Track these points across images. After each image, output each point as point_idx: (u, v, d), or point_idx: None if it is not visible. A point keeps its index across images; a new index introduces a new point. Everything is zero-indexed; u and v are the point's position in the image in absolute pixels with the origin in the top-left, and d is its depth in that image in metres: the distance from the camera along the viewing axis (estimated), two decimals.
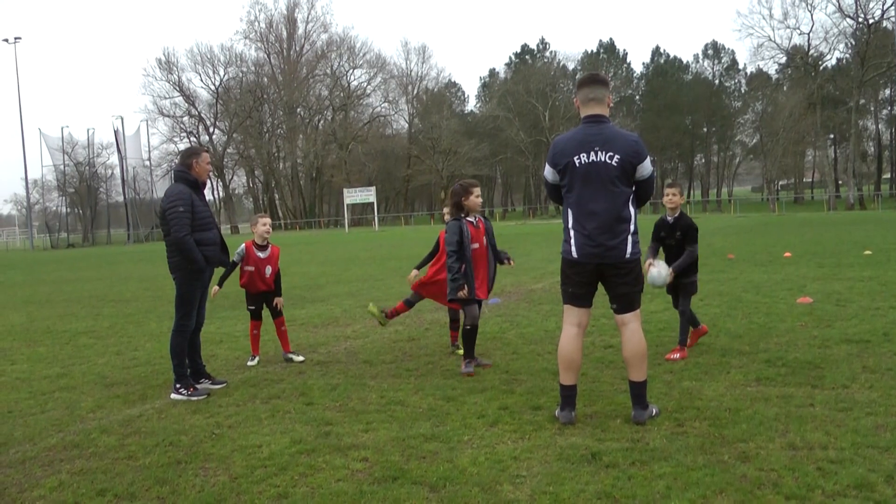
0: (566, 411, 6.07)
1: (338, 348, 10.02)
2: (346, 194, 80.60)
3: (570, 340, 6.14)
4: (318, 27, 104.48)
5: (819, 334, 9.22)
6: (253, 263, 9.12)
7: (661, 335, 9.53)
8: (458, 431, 5.98)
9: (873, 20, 79.04)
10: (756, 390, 6.80)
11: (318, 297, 16.05)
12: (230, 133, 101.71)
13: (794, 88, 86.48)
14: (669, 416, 6.09)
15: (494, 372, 8.07)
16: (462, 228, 8.07)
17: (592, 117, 6.07)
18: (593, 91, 6.09)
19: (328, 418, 6.59)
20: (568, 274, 6.19)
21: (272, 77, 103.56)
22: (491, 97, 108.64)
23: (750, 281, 14.76)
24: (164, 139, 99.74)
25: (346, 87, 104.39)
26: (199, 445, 5.99)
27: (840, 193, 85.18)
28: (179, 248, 7.62)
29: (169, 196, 7.73)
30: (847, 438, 5.37)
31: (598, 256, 5.96)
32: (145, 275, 26.20)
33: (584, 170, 5.95)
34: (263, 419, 6.69)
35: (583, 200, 6.00)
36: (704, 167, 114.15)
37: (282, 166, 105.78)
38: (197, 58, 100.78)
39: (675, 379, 7.35)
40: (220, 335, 11.56)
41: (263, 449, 5.80)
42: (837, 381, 6.95)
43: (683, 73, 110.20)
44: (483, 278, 8.30)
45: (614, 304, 6.14)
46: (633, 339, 6.04)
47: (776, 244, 25.08)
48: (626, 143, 5.93)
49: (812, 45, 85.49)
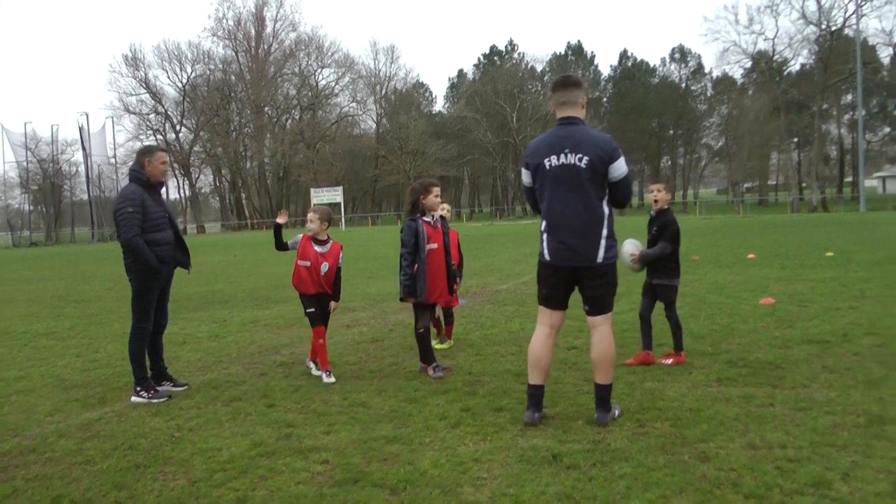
0: (530, 411, 6.08)
1: (301, 349, 9.95)
2: (314, 194, 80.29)
3: (540, 340, 6.15)
4: (287, 26, 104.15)
5: (780, 335, 9.30)
6: (310, 258, 8.19)
7: (623, 336, 9.55)
8: (419, 433, 5.97)
9: (836, 27, 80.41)
10: (717, 391, 6.84)
11: (283, 298, 15.96)
12: (197, 131, 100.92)
13: (759, 93, 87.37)
14: (631, 417, 6.11)
15: (457, 374, 8.07)
16: (418, 229, 8.01)
17: (565, 119, 6.07)
18: (565, 94, 6.09)
19: (289, 420, 6.55)
20: (542, 276, 6.21)
21: (240, 75, 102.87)
22: (459, 98, 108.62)
23: (714, 282, 14.87)
24: (130, 136, 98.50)
25: (314, 87, 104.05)
26: (159, 449, 5.93)
27: (804, 196, 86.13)
28: (129, 249, 7.54)
29: (120, 197, 7.68)
30: (806, 437, 5.43)
31: (570, 259, 5.97)
32: (109, 274, 25.93)
33: (555, 172, 5.95)
34: (224, 422, 6.64)
35: (554, 203, 6.01)
36: (671, 169, 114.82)
37: (249, 165, 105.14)
38: (164, 54, 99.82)
39: (638, 380, 7.39)
40: (184, 336, 11.47)
41: (223, 452, 5.75)
42: (797, 381, 7.02)
43: (650, 77, 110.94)
44: (442, 280, 8.24)
45: (586, 305, 6.15)
46: (603, 342, 6.05)
47: (741, 246, 25.27)
48: (597, 144, 5.91)
49: (776, 50, 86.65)
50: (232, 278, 21.85)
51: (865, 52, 77.33)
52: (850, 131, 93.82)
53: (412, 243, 7.95)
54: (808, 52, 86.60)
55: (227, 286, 19.39)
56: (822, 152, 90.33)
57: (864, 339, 8.81)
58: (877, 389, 6.65)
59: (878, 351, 8.20)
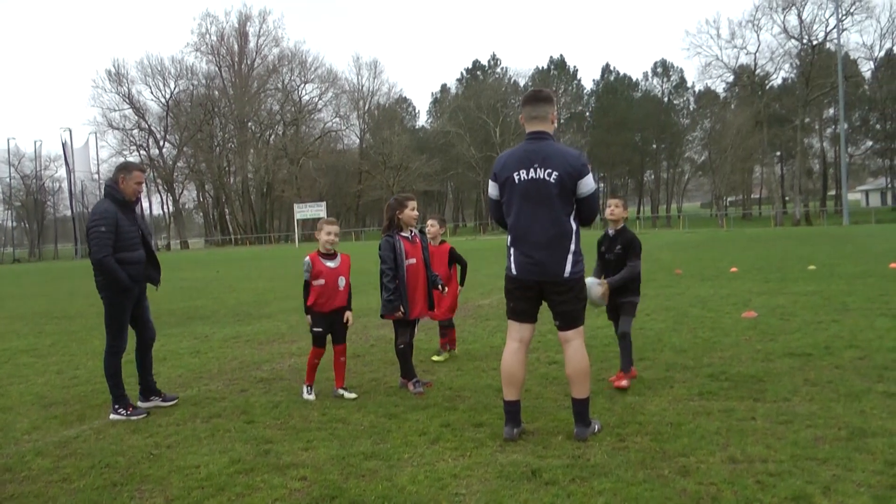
0: (509, 427, 6.04)
1: (282, 365, 9.91)
2: (297, 209, 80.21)
3: (511, 355, 6.11)
4: (270, 41, 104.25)
5: (762, 348, 9.30)
6: (324, 276, 7.88)
7: (606, 350, 9.52)
8: (398, 449, 5.92)
9: (817, 42, 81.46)
10: (698, 404, 6.82)
11: (265, 314, 15.90)
12: (180, 147, 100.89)
13: (742, 107, 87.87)
14: (611, 432, 6.08)
15: (438, 388, 8.02)
16: (395, 245, 7.95)
17: (535, 134, 6.06)
18: (536, 109, 6.08)
19: (268, 437, 6.50)
20: (509, 289, 6.18)
21: (223, 90, 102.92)
22: (442, 113, 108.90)
23: (696, 296, 14.88)
24: (114, 152, 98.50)
25: (298, 102, 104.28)
26: (137, 467, 5.86)
27: (787, 209, 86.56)
28: (100, 268, 7.47)
29: (93, 214, 7.55)
30: (786, 451, 5.40)
31: (537, 273, 5.95)
32: (92, 290, 25.50)
33: (523, 186, 5.94)
34: (203, 438, 6.57)
35: (521, 217, 5.98)
36: (654, 183, 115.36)
37: (232, 181, 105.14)
38: (147, 70, 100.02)
39: (619, 394, 7.36)
40: (165, 352, 11.37)
41: (201, 469, 5.69)
42: (779, 395, 7.01)
43: (633, 91, 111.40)
44: (422, 295, 8.18)
45: (556, 320, 6.11)
46: (576, 356, 6.01)
47: (723, 259, 25.32)
48: (566, 159, 5.90)
49: (758, 64, 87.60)
50: (214, 294, 21.73)
51: (847, 66, 78.05)
52: (832, 145, 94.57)
53: (391, 259, 7.90)
54: (790, 66, 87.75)
55: (210, 302, 19.30)
56: (805, 166, 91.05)
57: (846, 352, 8.80)
58: (858, 402, 6.63)
59: (859, 364, 8.19)
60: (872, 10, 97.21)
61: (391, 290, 7.87)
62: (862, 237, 36.98)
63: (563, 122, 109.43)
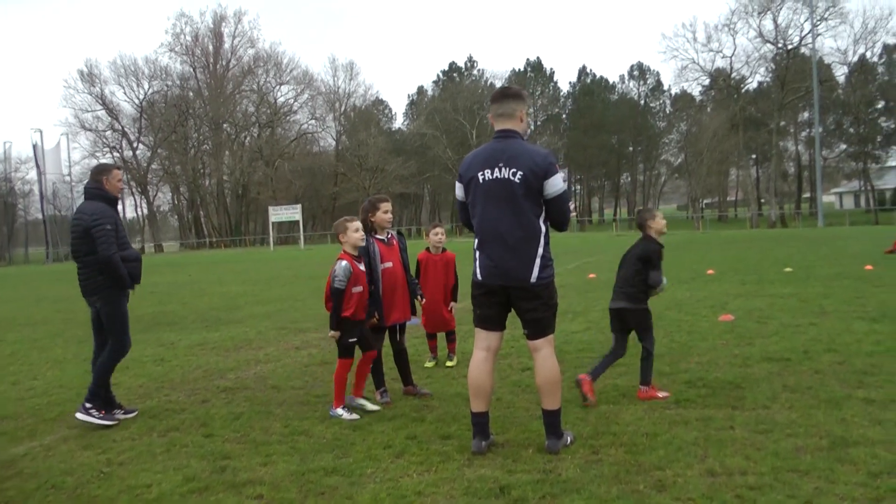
0: (477, 440, 5.78)
1: (247, 373, 9.61)
2: (272, 212, 79.68)
3: (478, 365, 5.84)
4: (245, 42, 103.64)
5: (740, 353, 9.12)
6: (362, 282, 7.26)
7: (580, 356, 9.32)
8: (361, 464, 5.65)
9: (792, 46, 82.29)
10: (675, 413, 6.60)
11: (235, 319, 15.58)
12: (154, 148, 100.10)
13: (718, 110, 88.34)
14: (585, 443, 5.83)
15: (406, 398, 7.77)
16: (370, 248, 7.63)
17: (502, 132, 5.81)
18: (503, 106, 5.83)
19: (226, 451, 6.21)
20: (475, 295, 5.92)
21: (198, 92, 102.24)
22: (419, 115, 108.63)
23: (673, 298, 14.67)
24: (86, 154, 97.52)
25: (273, 104, 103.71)
26: (85, 487, 5.56)
27: (763, 212, 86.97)
28: (108, 266, 7.36)
29: (92, 214, 7.44)
30: (767, 462, 5.19)
31: (502, 278, 5.69)
32: (61, 295, 25.32)
33: (487, 186, 5.69)
34: (158, 454, 6.27)
35: (486, 219, 5.74)
36: (630, 185, 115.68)
37: (207, 183, 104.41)
38: (120, 70, 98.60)
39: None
40: (127, 361, 10.81)
41: (153, 489, 5.41)
42: (758, 402, 6.81)
43: (610, 93, 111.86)
44: (402, 299, 7.84)
45: (525, 328, 5.84)
46: (546, 365, 5.74)
47: (700, 261, 25.22)
48: (532, 158, 5.63)
49: (734, 68, 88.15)
50: (185, 299, 21.35)
51: (821, 70, 78.73)
52: (807, 148, 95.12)
53: (366, 263, 7.60)
54: (766, 70, 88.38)
55: (179, 307, 18.93)
56: (780, 169, 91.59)
57: (825, 357, 8.63)
58: (839, 409, 6.44)
59: (838, 368, 8.02)
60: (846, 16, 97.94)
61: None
62: (836, 239, 37.07)
63: (539, 125, 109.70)
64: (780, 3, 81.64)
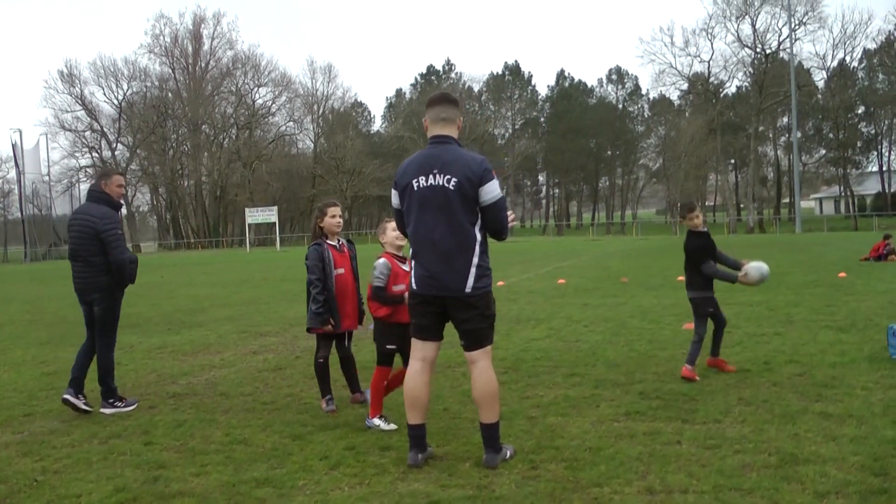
0: (413, 452, 5.58)
1: (199, 379, 9.38)
2: (248, 214, 79.33)
3: (414, 376, 5.65)
4: (224, 44, 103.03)
5: (699, 363, 8.89)
6: (402, 280, 6.69)
7: (536, 365, 9.13)
8: (294, 475, 5.45)
9: (770, 51, 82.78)
10: (623, 426, 6.40)
11: (198, 322, 15.32)
12: (133, 149, 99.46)
13: (696, 114, 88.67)
14: (525, 458, 5.62)
15: (352, 407, 7.57)
16: (324, 254, 7.47)
17: (437, 138, 5.66)
18: (445, 110, 5.70)
19: (163, 460, 6.00)
20: (412, 305, 5.73)
21: (177, 93, 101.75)
22: (396, 117, 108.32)
23: (639, 306, 14.54)
24: (66, 154, 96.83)
25: (251, 105, 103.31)
26: (15, 497, 5.34)
27: (741, 217, 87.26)
28: (120, 269, 7.76)
29: (102, 218, 7.76)
30: (710, 480, 5.00)
31: (436, 288, 5.49)
32: (32, 296, 25.00)
33: (421, 194, 5.50)
34: (94, 462, 6.04)
35: (420, 227, 5.54)
36: (609, 190, 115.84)
37: (186, 184, 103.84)
38: (100, 71, 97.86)
39: (541, 414, 6.91)
40: None
41: (82, 499, 5.20)
42: (710, 415, 6.62)
43: (588, 97, 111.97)
44: (351, 306, 7.67)
45: (461, 340, 5.65)
46: (482, 378, 5.54)
47: (672, 267, 25.02)
48: (467, 164, 5.45)
49: (712, 72, 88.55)
50: (152, 300, 21.05)
51: (800, 75, 78.97)
52: (786, 153, 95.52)
53: (319, 269, 7.41)
54: (744, 74, 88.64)
55: (145, 309, 18.62)
56: (759, 174, 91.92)
57: (786, 368, 8.48)
58: (792, 424, 6.27)
59: (798, 381, 7.86)
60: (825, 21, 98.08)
61: (320, 302, 7.36)
62: (813, 245, 37.13)
63: (517, 128, 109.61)
64: (758, 8, 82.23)
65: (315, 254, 7.45)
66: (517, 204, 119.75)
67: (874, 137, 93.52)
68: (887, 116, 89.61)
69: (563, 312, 13.89)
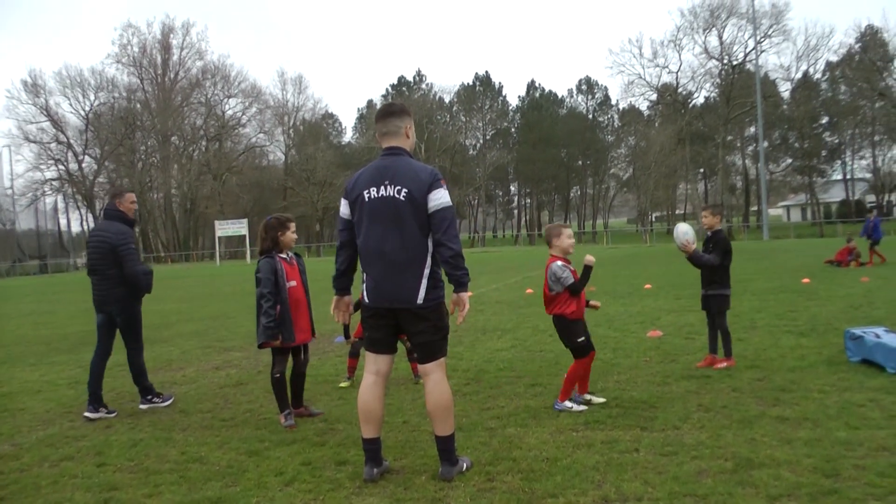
0: (368, 466, 5.55)
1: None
2: (218, 227, 78.85)
3: (367, 389, 5.62)
4: (194, 54, 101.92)
5: (661, 370, 9.00)
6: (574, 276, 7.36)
7: (499, 376, 9.12)
8: (248, 493, 5.40)
9: (737, 62, 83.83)
10: (581, 436, 6.41)
11: (162, 338, 15.18)
12: (101, 161, 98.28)
13: (665, 124, 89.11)
14: (481, 470, 5.61)
15: (312, 420, 7.52)
16: (277, 267, 7.43)
17: (388, 150, 5.67)
18: (387, 125, 5.72)
19: (115, 482, 5.90)
20: (364, 318, 5.71)
21: (145, 104, 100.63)
22: (368, 128, 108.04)
23: (605, 314, 14.56)
24: (30, 167, 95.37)
25: (221, 117, 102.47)
26: None
27: None
28: (134, 280, 8.30)
29: (118, 234, 8.33)
30: (665, 487, 5.03)
31: (388, 300, 5.48)
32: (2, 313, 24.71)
33: (372, 205, 5.49)
34: (43, 487, 5.92)
35: (370, 239, 5.52)
36: (580, 199, 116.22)
37: (155, 197, 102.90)
38: (66, 81, 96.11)
39: (500, 425, 6.90)
40: (41, 384, 10.57)
41: None
42: (668, 422, 6.66)
43: (558, 107, 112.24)
44: (305, 319, 7.65)
45: (415, 352, 5.64)
46: (437, 390, 5.52)
47: (640, 276, 25.22)
48: (417, 175, 5.45)
49: (681, 83, 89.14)
50: None
51: (765, 86, 79.75)
52: (754, 162, 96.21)
53: (272, 282, 7.35)
54: (711, 85, 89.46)
55: None
56: (728, 182, 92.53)
57: (746, 374, 8.54)
58: (750, 429, 6.33)
59: (757, 386, 7.94)
60: (789, 33, 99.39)
61: (272, 316, 7.28)
62: (779, 252, 37.40)
63: (488, 139, 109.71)
64: (724, 20, 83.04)
65: (268, 266, 7.41)
66: (489, 214, 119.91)
67: (838, 147, 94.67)
68: (850, 126, 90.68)
69: (529, 322, 13.90)
